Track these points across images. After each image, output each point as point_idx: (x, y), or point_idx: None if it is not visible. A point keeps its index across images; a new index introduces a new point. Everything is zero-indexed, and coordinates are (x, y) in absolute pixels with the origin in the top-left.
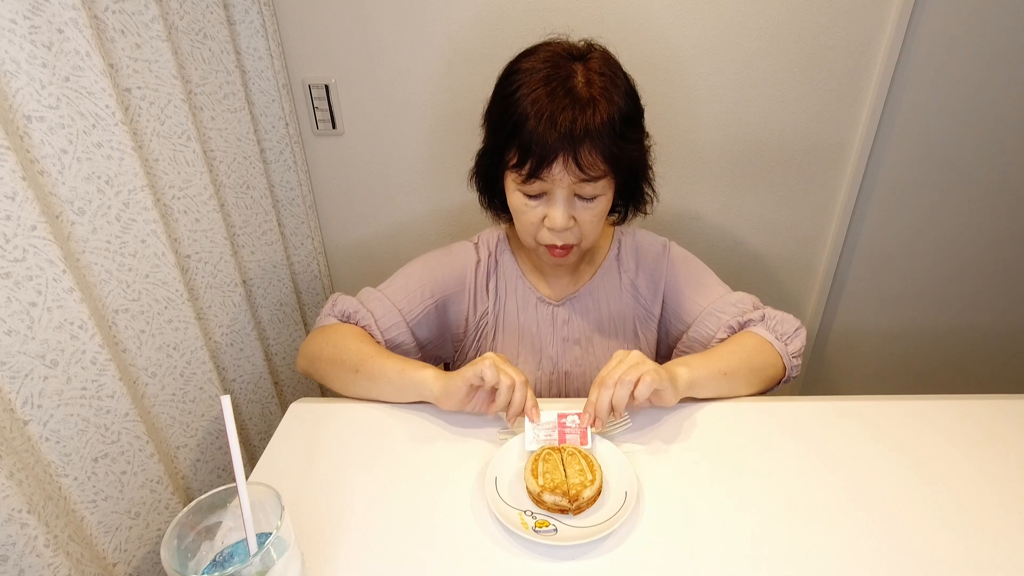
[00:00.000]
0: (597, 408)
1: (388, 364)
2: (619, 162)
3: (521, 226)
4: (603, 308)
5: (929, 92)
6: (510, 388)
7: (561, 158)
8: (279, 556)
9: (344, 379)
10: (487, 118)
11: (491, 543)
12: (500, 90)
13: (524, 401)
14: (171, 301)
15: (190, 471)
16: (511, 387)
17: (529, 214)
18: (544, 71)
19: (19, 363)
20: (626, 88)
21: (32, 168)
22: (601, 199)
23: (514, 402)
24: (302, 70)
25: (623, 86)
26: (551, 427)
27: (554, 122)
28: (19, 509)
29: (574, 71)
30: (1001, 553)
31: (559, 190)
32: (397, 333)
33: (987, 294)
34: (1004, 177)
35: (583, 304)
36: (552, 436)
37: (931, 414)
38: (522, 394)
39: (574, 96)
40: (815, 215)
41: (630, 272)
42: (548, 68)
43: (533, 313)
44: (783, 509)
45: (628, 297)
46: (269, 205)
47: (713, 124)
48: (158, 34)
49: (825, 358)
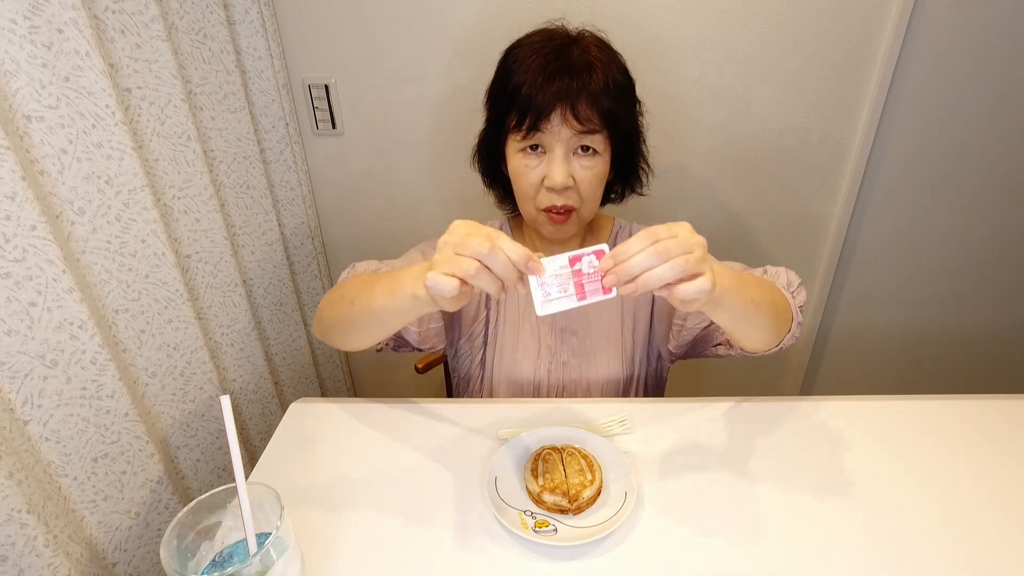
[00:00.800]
0: (628, 266)
1: (380, 279)
2: (615, 119)
3: (521, 191)
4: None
5: (929, 92)
6: (492, 254)
7: (559, 110)
8: (279, 556)
9: (344, 320)
10: (488, 97)
11: (491, 543)
12: (500, 67)
13: (516, 260)
14: (171, 301)
15: (190, 471)
16: (491, 252)
17: (529, 175)
18: (541, 44)
19: (19, 363)
20: (619, 62)
21: (32, 168)
22: (598, 161)
23: (500, 268)
24: (302, 70)
25: (617, 59)
26: (564, 278)
27: (552, 79)
28: (18, 509)
29: (570, 44)
30: (1001, 553)
31: (558, 145)
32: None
33: (987, 294)
34: (1004, 177)
35: None
36: (568, 290)
37: (930, 414)
38: (508, 255)
39: (571, 62)
40: (815, 215)
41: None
42: (545, 41)
43: (531, 302)
44: (783, 509)
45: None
46: (269, 205)
47: (713, 124)
48: (158, 34)
49: (825, 358)
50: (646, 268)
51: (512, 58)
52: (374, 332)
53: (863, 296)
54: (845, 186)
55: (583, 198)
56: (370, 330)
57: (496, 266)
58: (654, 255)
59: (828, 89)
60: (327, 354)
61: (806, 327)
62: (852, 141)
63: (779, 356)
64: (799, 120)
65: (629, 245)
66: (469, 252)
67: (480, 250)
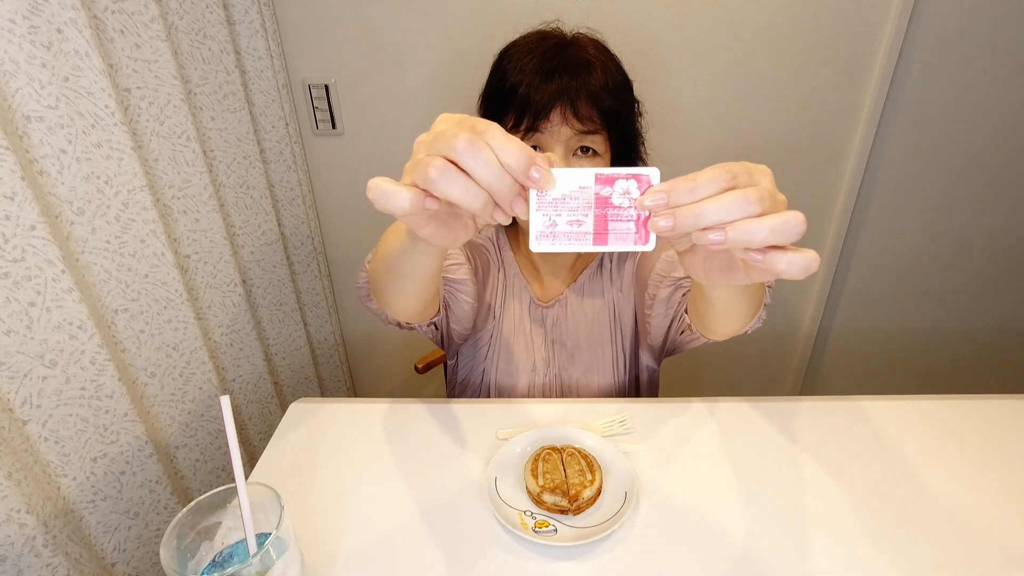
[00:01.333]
0: (699, 210)
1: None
2: (614, 118)
3: None
4: (588, 309)
5: (929, 92)
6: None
7: (559, 108)
8: (279, 556)
9: (375, 276)
10: (482, 100)
11: (491, 543)
12: (494, 69)
13: (510, 162)
14: (170, 301)
15: (189, 471)
16: (471, 147)
17: None
18: (536, 43)
19: (18, 363)
20: (617, 62)
21: (31, 168)
22: (598, 163)
23: (483, 171)
24: (302, 70)
25: (615, 59)
26: (583, 203)
27: (550, 78)
28: (17, 509)
29: (566, 44)
30: (1001, 553)
31: (557, 146)
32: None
33: (987, 294)
34: (1004, 177)
35: (572, 305)
36: (583, 223)
37: (930, 414)
38: (498, 153)
39: (569, 61)
40: (815, 215)
41: (609, 267)
42: (540, 41)
43: (527, 313)
44: (783, 509)
45: (610, 290)
46: (269, 205)
47: (713, 124)
48: (158, 34)
49: (825, 358)
50: (730, 217)
51: (507, 59)
52: (399, 286)
53: (863, 296)
54: (845, 186)
55: None
56: (394, 284)
57: (479, 168)
58: (743, 199)
59: (828, 89)
60: (327, 354)
61: (806, 327)
62: (852, 141)
63: (779, 356)
64: (799, 120)
65: (699, 181)
66: (441, 149)
67: (455, 144)
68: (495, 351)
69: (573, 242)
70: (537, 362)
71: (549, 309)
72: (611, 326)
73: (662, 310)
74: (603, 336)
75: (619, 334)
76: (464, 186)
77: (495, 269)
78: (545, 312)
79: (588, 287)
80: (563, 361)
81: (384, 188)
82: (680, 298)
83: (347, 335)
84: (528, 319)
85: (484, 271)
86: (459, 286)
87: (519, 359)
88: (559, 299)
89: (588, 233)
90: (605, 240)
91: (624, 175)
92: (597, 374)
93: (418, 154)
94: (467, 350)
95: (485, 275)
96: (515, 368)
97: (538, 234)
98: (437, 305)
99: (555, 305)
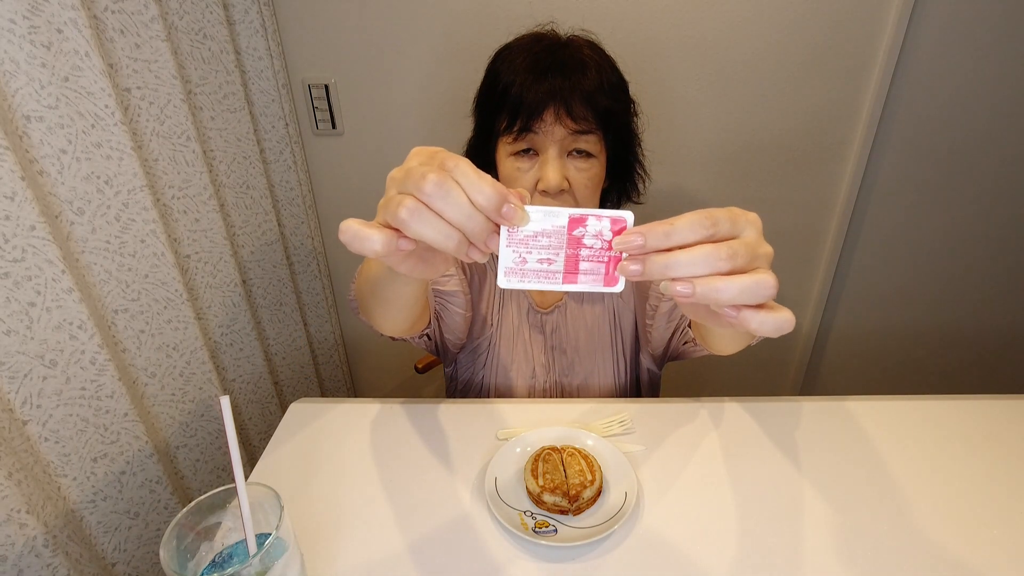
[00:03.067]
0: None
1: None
2: (609, 118)
3: None
4: (587, 315)
5: (929, 92)
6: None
7: (552, 108)
8: (279, 557)
9: (360, 295)
10: (477, 102)
11: (491, 543)
12: (488, 71)
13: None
14: (170, 301)
15: (189, 471)
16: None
17: (521, 180)
18: (530, 44)
19: (18, 363)
20: (612, 62)
21: (31, 168)
22: (594, 163)
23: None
24: (302, 70)
25: (609, 59)
26: (554, 242)
27: (543, 77)
28: (18, 509)
29: (560, 45)
30: (1002, 553)
31: (551, 147)
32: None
33: (987, 293)
34: (1004, 176)
35: (571, 311)
36: (553, 262)
37: (931, 414)
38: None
39: (562, 60)
40: (815, 215)
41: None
42: (534, 42)
43: (526, 320)
44: (783, 509)
45: (610, 296)
46: (269, 205)
47: (713, 124)
48: (158, 34)
49: (825, 358)
50: (699, 272)
51: (500, 60)
52: (384, 308)
53: (863, 296)
54: (845, 186)
55: (578, 203)
56: (379, 305)
57: (448, 209)
58: (713, 256)
59: (828, 89)
60: (327, 354)
61: (806, 327)
62: (852, 141)
63: (779, 356)
64: (799, 120)
65: (676, 227)
66: (411, 189)
67: (423, 185)
68: (494, 358)
69: (542, 280)
70: (537, 368)
71: (548, 315)
72: (611, 332)
73: (663, 323)
74: (603, 342)
75: (619, 340)
76: (436, 227)
77: (492, 275)
78: (544, 318)
79: (587, 293)
80: (563, 367)
81: (355, 231)
82: (681, 314)
83: (347, 335)
84: (527, 325)
85: (480, 279)
86: (450, 298)
87: (518, 365)
88: (558, 305)
89: (558, 272)
90: (575, 280)
91: (597, 215)
92: (598, 380)
93: (390, 191)
94: (465, 357)
95: (481, 283)
96: (514, 374)
97: (507, 270)
98: (427, 319)
99: (554, 311)
